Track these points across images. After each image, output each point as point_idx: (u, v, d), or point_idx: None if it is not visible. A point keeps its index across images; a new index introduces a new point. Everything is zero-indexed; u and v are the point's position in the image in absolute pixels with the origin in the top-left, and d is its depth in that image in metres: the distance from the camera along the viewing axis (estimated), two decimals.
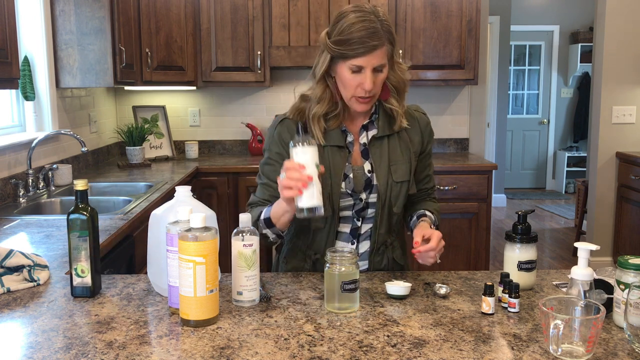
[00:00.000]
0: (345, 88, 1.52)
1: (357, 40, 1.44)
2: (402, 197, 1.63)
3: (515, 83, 8.31)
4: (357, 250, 1.63)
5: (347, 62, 1.48)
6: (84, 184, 1.34)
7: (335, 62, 1.51)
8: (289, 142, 1.57)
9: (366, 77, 1.48)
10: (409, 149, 1.64)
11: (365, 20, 1.46)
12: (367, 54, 1.45)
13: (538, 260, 1.45)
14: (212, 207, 1.41)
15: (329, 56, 1.51)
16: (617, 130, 4.44)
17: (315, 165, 1.35)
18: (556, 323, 1.04)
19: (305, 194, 1.33)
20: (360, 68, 1.47)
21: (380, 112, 1.62)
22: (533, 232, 1.42)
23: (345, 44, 1.46)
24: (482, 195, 3.75)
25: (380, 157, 1.61)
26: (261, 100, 4.38)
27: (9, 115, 2.96)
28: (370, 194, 1.61)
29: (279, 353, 1.08)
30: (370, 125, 1.63)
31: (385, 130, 1.61)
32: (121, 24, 3.16)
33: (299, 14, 3.88)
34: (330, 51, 1.49)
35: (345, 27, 1.46)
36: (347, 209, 1.61)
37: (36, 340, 1.14)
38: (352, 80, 1.49)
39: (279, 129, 1.63)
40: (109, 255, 1.97)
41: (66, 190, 2.86)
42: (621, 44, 4.34)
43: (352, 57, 1.46)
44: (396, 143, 1.63)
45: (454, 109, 4.43)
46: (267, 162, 1.65)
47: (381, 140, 1.62)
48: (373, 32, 1.45)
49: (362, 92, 1.50)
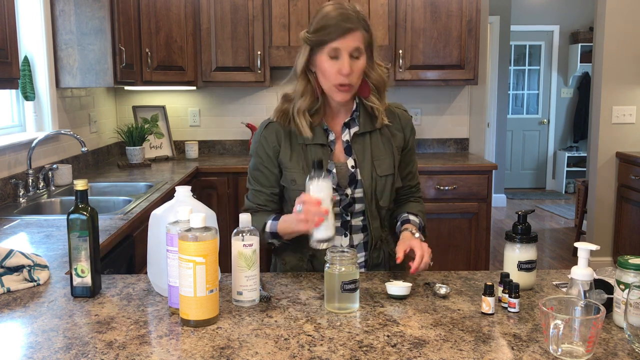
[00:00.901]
0: (325, 77, 1.56)
1: (333, 24, 1.52)
2: (387, 190, 1.66)
3: (515, 83, 8.31)
4: (352, 242, 1.67)
5: (324, 49, 1.53)
6: (84, 184, 1.34)
7: (314, 54, 1.56)
8: (274, 146, 1.64)
9: (344, 61, 1.52)
10: (391, 143, 1.68)
11: (340, 9, 1.55)
12: (342, 36, 1.51)
13: (538, 260, 1.45)
14: (212, 207, 1.40)
15: (308, 48, 1.57)
16: (617, 130, 4.44)
17: (330, 200, 1.41)
18: (556, 323, 1.04)
19: (321, 226, 1.40)
20: (337, 52, 1.52)
21: (361, 109, 1.66)
22: (533, 232, 1.42)
23: (322, 30, 1.53)
24: (482, 195, 3.75)
25: (363, 152, 1.65)
26: (261, 100, 4.38)
27: (9, 115, 2.97)
28: (355, 189, 1.64)
29: (279, 353, 1.08)
30: (351, 122, 1.66)
31: (366, 126, 1.65)
32: (121, 24, 3.16)
33: (299, 14, 3.88)
34: (308, 42, 1.56)
35: (320, 17, 1.55)
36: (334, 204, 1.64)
37: (36, 340, 1.14)
38: (331, 67, 1.54)
39: (265, 133, 1.67)
40: (109, 255, 1.97)
41: (66, 190, 2.86)
42: (621, 44, 4.34)
43: (329, 41, 1.52)
44: (378, 138, 1.67)
45: (454, 109, 4.43)
46: (255, 167, 1.69)
47: (363, 136, 1.66)
48: (347, 17, 1.53)
49: (340, 79, 1.54)
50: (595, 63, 4.57)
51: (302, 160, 1.63)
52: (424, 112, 4.37)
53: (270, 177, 1.67)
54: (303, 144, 1.63)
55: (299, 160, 1.63)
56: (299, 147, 1.64)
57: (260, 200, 1.68)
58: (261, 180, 1.67)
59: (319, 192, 1.40)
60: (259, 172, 1.68)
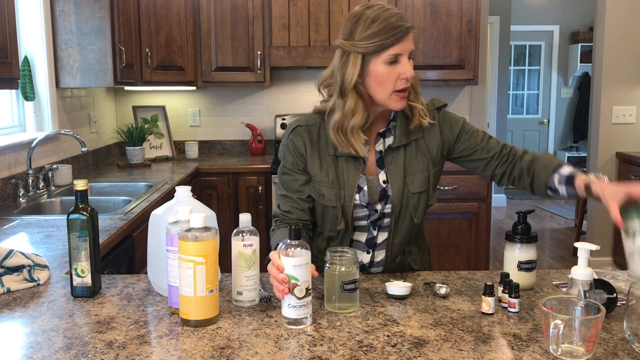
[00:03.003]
0: (382, 86, 1.44)
1: (392, 26, 1.39)
2: (421, 208, 1.56)
3: (515, 83, 8.31)
4: (374, 259, 1.60)
5: (381, 55, 1.41)
6: (84, 184, 1.34)
7: (367, 62, 1.43)
8: (302, 151, 1.54)
9: (405, 65, 1.42)
10: (426, 157, 1.55)
11: (387, 10, 1.42)
12: (404, 38, 1.40)
13: (538, 260, 1.45)
14: (212, 207, 1.40)
15: (360, 57, 1.42)
16: (617, 130, 4.44)
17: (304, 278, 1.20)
18: (556, 323, 1.04)
19: (286, 301, 1.20)
20: (397, 57, 1.41)
21: (398, 118, 1.55)
22: (533, 232, 1.42)
23: (380, 34, 1.39)
24: (482, 195, 3.75)
25: (395, 167, 1.54)
26: (261, 100, 4.38)
27: (9, 115, 2.96)
28: (385, 205, 1.54)
29: (279, 353, 1.08)
30: (387, 132, 1.55)
31: (402, 139, 1.53)
32: (121, 24, 3.16)
33: (299, 14, 3.88)
34: (362, 49, 1.41)
35: (370, 20, 1.40)
36: (362, 219, 1.57)
37: (36, 340, 1.14)
38: (390, 74, 1.42)
39: (292, 136, 1.57)
40: (109, 255, 1.97)
41: (66, 190, 2.86)
42: (621, 44, 4.34)
43: (390, 45, 1.40)
44: (413, 152, 1.55)
45: (454, 109, 4.42)
46: (283, 171, 1.59)
47: (397, 149, 1.54)
48: (401, 16, 1.42)
49: (403, 84, 1.43)
50: (595, 63, 4.57)
51: (333, 174, 1.52)
52: None
53: (296, 182, 1.56)
54: (334, 155, 1.52)
55: (328, 173, 1.52)
56: (329, 158, 1.53)
57: (287, 206, 1.56)
58: (289, 184, 1.57)
59: (290, 268, 1.19)
60: (287, 176, 1.58)
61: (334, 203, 1.53)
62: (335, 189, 1.52)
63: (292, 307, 1.19)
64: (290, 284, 1.18)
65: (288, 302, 1.19)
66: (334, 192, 1.52)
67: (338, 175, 1.52)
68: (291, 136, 1.57)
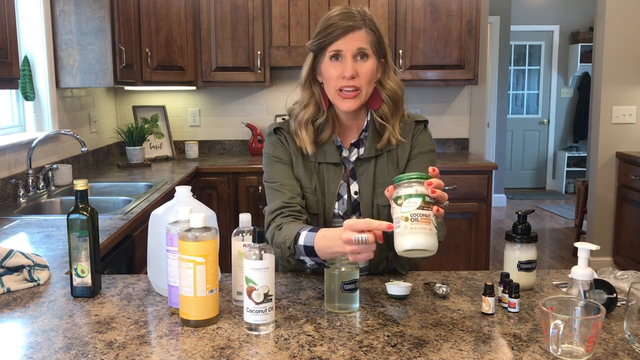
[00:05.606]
0: (327, 84, 1.46)
1: (333, 24, 1.42)
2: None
3: (515, 83, 8.31)
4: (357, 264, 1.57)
5: (326, 52, 1.44)
6: (84, 184, 1.34)
7: (318, 61, 1.47)
8: (288, 150, 1.53)
9: (346, 62, 1.42)
10: (396, 169, 1.53)
11: (342, 9, 1.45)
12: (343, 35, 1.41)
13: (538, 260, 1.45)
14: (212, 207, 1.40)
15: (312, 56, 1.48)
16: (617, 130, 4.44)
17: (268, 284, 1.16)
18: (556, 323, 1.04)
19: None
20: (339, 53, 1.42)
21: (370, 129, 1.53)
22: (533, 232, 1.41)
23: (321, 33, 1.44)
24: (482, 195, 3.75)
25: (366, 178, 1.52)
26: (261, 100, 4.38)
27: (9, 115, 2.97)
28: (360, 216, 1.51)
29: (279, 353, 1.08)
30: (360, 143, 1.54)
31: (371, 151, 1.52)
32: (121, 24, 3.16)
33: (299, 14, 3.88)
34: (311, 48, 1.47)
35: (322, 20, 1.46)
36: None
37: (36, 340, 1.14)
38: (334, 71, 1.43)
39: (276, 137, 1.56)
40: (109, 255, 1.97)
41: (66, 190, 2.86)
42: (621, 44, 4.34)
43: (329, 42, 1.42)
44: (384, 163, 1.53)
45: (454, 109, 4.43)
46: (275, 163, 1.55)
47: (368, 160, 1.53)
48: (348, 15, 1.43)
49: (343, 82, 1.42)
50: (595, 63, 4.57)
51: (315, 180, 1.52)
52: (424, 112, 4.37)
53: (290, 171, 1.52)
54: (315, 162, 1.52)
55: (312, 178, 1.52)
56: (310, 165, 1.53)
57: (286, 197, 1.48)
58: (284, 173, 1.52)
59: (248, 271, 1.15)
60: (281, 165, 1.53)
61: (315, 210, 1.53)
62: (317, 196, 1.52)
63: (250, 312, 1.16)
64: (247, 287, 1.15)
65: (247, 306, 1.16)
66: (315, 198, 1.52)
67: (320, 181, 1.52)
68: (277, 135, 1.56)
